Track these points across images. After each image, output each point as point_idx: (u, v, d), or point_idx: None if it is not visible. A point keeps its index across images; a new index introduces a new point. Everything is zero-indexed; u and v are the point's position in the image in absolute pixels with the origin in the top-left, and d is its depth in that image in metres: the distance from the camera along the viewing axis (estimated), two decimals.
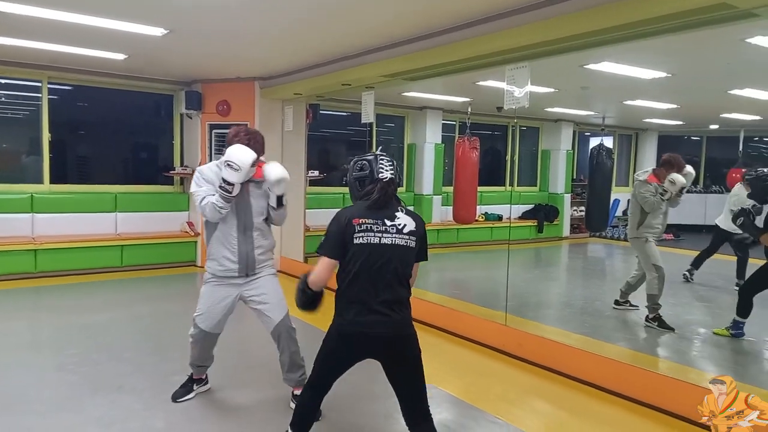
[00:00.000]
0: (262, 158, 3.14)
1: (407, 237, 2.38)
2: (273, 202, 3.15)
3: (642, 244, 5.17)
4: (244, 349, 4.49)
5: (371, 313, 2.33)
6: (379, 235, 2.34)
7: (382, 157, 2.49)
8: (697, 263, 7.01)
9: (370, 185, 2.42)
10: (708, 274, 7.13)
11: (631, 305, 5.63)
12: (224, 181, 2.95)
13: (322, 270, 2.40)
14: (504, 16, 3.99)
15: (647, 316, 5.14)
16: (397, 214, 2.41)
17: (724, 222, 6.55)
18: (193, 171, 7.44)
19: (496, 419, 3.28)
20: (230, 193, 2.96)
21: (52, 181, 7.10)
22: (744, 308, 4.79)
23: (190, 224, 7.72)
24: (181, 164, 7.92)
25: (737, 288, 6.50)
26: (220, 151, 7.42)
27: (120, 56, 5.99)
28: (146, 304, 5.83)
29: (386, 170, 2.44)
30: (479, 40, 4.18)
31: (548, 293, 7.24)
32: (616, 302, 5.70)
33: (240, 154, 2.95)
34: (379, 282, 2.34)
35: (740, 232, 6.19)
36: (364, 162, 2.47)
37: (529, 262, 9.44)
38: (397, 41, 4.97)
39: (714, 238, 6.90)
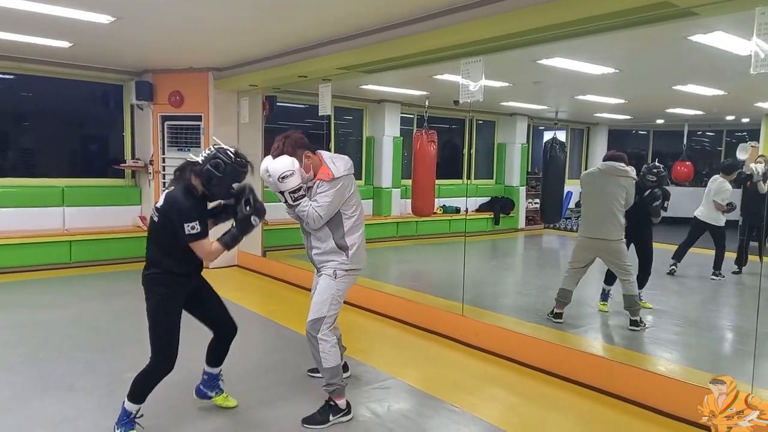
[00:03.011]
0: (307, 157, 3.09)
1: (154, 211, 2.78)
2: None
3: (624, 247, 4.82)
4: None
5: None
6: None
7: (210, 147, 2.83)
8: (678, 256, 7.09)
9: None
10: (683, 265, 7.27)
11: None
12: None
13: None
14: (458, 11, 4.04)
15: (636, 320, 4.82)
16: (164, 191, 2.80)
17: (705, 214, 6.80)
18: (146, 165, 7.37)
19: (454, 407, 3.35)
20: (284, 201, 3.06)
21: None
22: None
23: (142, 218, 7.51)
24: (132, 157, 7.68)
25: (713, 278, 6.81)
26: (174, 143, 7.33)
27: (65, 44, 5.75)
28: (97, 302, 5.65)
29: (200, 156, 2.80)
30: (434, 34, 4.22)
31: (504, 283, 7.40)
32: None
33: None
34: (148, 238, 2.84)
35: (719, 224, 6.71)
36: None
37: (486, 253, 9.62)
38: (353, 34, 4.96)
39: (693, 229, 7.02)
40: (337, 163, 3.11)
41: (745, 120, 11.71)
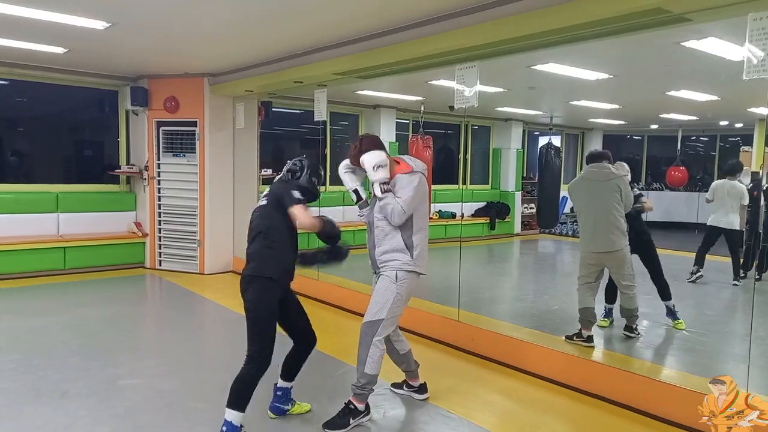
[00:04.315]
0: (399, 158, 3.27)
1: (264, 198, 3.00)
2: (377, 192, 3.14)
3: (628, 255, 4.47)
4: (212, 359, 4.39)
5: None
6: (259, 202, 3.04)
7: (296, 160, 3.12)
8: (699, 261, 7.02)
9: None
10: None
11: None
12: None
13: None
14: (453, 17, 4.06)
15: (631, 327, 4.67)
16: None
17: (721, 219, 6.76)
18: (141, 171, 7.34)
19: (449, 413, 3.34)
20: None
21: None
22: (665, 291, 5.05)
23: (137, 224, 7.48)
24: (128, 162, 7.66)
25: (736, 283, 6.76)
26: (169, 149, 7.32)
27: (60, 50, 5.74)
28: (92, 308, 5.62)
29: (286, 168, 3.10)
30: (429, 40, 4.23)
31: (500, 289, 7.40)
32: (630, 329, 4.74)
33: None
34: (250, 236, 2.96)
35: (736, 227, 6.69)
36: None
37: (482, 258, 9.62)
38: (349, 39, 4.97)
39: (708, 235, 6.97)
40: (415, 161, 3.25)
41: (739, 125, 11.78)
